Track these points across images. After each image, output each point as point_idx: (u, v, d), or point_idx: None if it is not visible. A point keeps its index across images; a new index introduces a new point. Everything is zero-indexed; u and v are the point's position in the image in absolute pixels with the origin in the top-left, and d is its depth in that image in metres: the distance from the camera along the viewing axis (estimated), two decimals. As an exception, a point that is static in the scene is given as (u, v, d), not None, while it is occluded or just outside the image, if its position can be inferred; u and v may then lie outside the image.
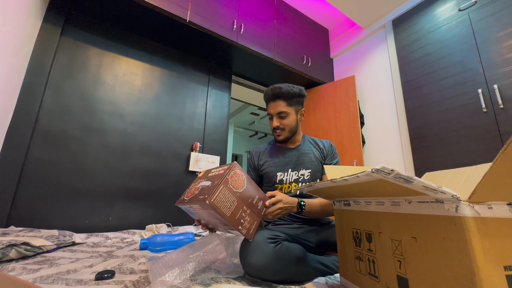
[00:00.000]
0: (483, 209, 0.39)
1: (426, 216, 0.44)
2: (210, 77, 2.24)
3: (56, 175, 1.44)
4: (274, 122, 1.04)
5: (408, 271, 0.47)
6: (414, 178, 0.39)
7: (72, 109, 1.57)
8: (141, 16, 1.73)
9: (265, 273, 0.68)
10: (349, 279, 0.65)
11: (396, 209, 0.51)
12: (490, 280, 0.36)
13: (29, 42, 1.43)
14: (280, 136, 1.05)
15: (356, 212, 0.63)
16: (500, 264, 0.37)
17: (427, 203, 0.44)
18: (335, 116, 2.35)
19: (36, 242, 0.95)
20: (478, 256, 0.37)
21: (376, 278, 0.54)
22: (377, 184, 0.47)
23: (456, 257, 0.39)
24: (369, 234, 0.58)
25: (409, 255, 0.47)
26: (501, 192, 0.39)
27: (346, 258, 0.66)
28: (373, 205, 0.57)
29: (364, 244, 0.60)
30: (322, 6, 2.54)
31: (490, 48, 1.52)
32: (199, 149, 1.99)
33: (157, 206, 1.74)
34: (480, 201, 0.39)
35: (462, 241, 0.38)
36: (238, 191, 0.70)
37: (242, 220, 0.68)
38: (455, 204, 0.40)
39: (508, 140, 0.35)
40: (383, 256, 0.53)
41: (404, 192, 0.46)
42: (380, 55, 2.26)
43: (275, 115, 1.04)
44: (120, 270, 0.79)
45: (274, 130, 1.06)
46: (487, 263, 0.36)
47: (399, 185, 0.43)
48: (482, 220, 0.38)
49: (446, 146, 1.62)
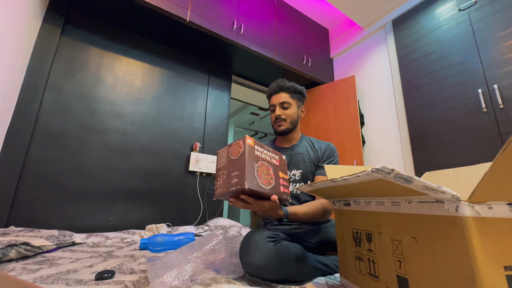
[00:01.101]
0: (483, 209, 0.39)
1: (426, 216, 0.44)
2: (210, 77, 2.24)
3: (56, 175, 1.44)
4: (277, 111, 1.04)
5: (408, 271, 0.47)
6: (414, 178, 0.39)
7: (72, 109, 1.57)
8: (141, 16, 1.73)
9: (264, 272, 0.68)
10: (349, 279, 0.65)
11: (396, 209, 0.51)
12: (490, 280, 0.36)
13: (29, 42, 1.43)
14: (281, 127, 1.05)
15: (356, 212, 0.63)
16: (500, 264, 0.37)
17: (427, 203, 0.44)
18: (335, 116, 2.34)
19: (36, 242, 0.95)
20: (478, 256, 0.36)
21: (376, 278, 0.54)
22: (377, 184, 0.47)
23: (456, 257, 0.39)
24: (369, 234, 0.58)
25: (409, 255, 0.47)
26: (501, 192, 0.39)
27: (346, 258, 0.66)
28: (373, 205, 0.57)
29: (364, 244, 0.60)
30: (322, 6, 2.54)
31: (490, 48, 1.52)
32: (199, 149, 1.99)
33: (157, 206, 1.74)
34: (480, 201, 0.39)
35: (462, 241, 0.38)
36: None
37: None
38: (455, 204, 0.40)
39: (508, 140, 0.35)
40: (383, 256, 0.53)
41: (404, 192, 0.46)
42: (380, 55, 2.26)
43: (278, 105, 1.05)
44: (120, 270, 0.79)
45: (276, 120, 1.06)
46: (487, 263, 0.36)
47: (399, 185, 0.43)
48: (482, 220, 0.38)
49: (446, 146, 1.62)
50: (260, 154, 0.71)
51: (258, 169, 0.68)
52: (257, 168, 0.68)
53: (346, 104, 2.29)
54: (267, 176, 0.70)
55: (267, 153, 0.75)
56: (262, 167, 0.70)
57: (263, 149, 0.74)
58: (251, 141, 0.70)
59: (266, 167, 0.71)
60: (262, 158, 0.71)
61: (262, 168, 0.70)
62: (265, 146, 0.76)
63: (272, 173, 0.72)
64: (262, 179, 0.68)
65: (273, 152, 0.77)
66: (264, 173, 0.69)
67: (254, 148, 0.70)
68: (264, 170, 0.70)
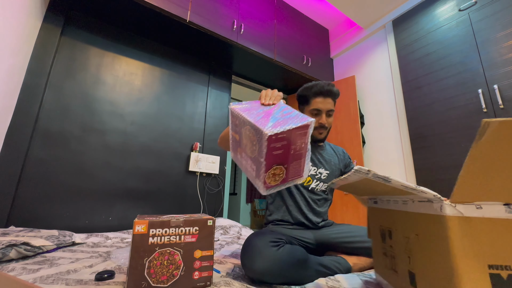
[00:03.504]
0: (469, 209, 0.40)
1: (424, 214, 0.46)
2: (210, 77, 2.24)
3: (56, 175, 1.44)
4: (323, 119, 0.98)
5: (415, 267, 0.48)
6: (391, 178, 0.44)
7: (72, 109, 1.57)
8: (141, 16, 1.72)
9: (267, 277, 0.68)
10: (380, 273, 0.67)
11: (405, 208, 0.53)
12: (469, 276, 0.37)
13: (29, 42, 1.43)
14: (322, 135, 1.02)
15: (382, 210, 0.64)
16: (485, 262, 0.38)
17: (423, 202, 0.46)
18: (335, 116, 2.33)
19: (36, 242, 0.95)
20: (458, 253, 0.38)
21: (396, 273, 0.56)
22: (368, 183, 0.51)
23: (441, 254, 0.41)
24: (390, 231, 0.59)
25: (414, 252, 0.49)
26: (494, 192, 0.40)
27: (377, 254, 0.68)
28: (392, 203, 0.59)
29: (387, 240, 0.61)
30: (322, 6, 2.54)
31: (490, 48, 1.52)
32: (199, 149, 1.99)
33: (157, 206, 1.74)
34: (466, 201, 0.40)
35: (445, 239, 0.40)
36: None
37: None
38: (440, 204, 0.42)
39: (473, 143, 0.38)
40: (399, 252, 0.55)
41: (401, 192, 0.49)
42: (380, 55, 2.26)
43: (325, 112, 0.98)
44: (120, 270, 0.79)
45: (320, 127, 1.00)
46: (468, 261, 0.38)
47: (385, 184, 0.47)
48: (466, 219, 0.40)
49: (446, 146, 1.62)
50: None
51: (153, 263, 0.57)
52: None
53: (346, 104, 2.29)
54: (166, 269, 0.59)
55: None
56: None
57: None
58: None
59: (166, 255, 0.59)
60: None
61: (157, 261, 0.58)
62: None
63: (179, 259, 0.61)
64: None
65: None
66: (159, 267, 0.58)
67: None
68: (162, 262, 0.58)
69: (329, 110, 0.99)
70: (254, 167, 0.62)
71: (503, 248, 0.38)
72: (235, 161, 0.75)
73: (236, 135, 0.70)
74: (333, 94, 0.99)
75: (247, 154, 0.65)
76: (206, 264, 0.63)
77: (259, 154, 0.57)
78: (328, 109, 0.98)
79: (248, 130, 0.61)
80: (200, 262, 0.63)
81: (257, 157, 0.59)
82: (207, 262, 0.64)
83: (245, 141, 0.65)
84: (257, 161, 0.60)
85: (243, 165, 0.70)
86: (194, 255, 0.63)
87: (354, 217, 2.01)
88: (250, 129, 0.60)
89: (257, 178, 0.62)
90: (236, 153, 0.74)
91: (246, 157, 0.66)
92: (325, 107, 0.98)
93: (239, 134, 0.68)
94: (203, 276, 0.62)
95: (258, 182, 0.62)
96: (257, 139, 0.57)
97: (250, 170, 0.65)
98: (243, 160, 0.68)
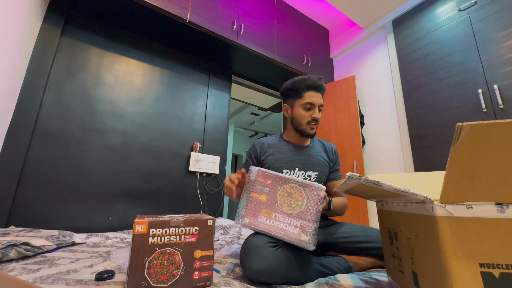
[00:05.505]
0: (459, 209, 0.41)
1: (421, 215, 0.47)
2: (210, 77, 2.24)
3: (56, 175, 1.44)
4: (317, 113, 0.98)
5: (417, 267, 0.49)
6: (381, 182, 0.45)
7: (72, 109, 1.57)
8: (141, 16, 1.73)
9: (266, 278, 0.68)
10: (390, 275, 0.67)
11: (406, 209, 0.53)
12: (460, 274, 0.38)
13: (29, 42, 1.43)
14: (313, 130, 1.01)
15: (387, 212, 0.65)
16: (476, 261, 0.38)
17: (419, 204, 0.47)
18: (335, 116, 2.34)
19: (36, 242, 0.95)
20: (448, 253, 0.39)
21: (403, 274, 0.56)
22: (364, 187, 0.51)
23: (435, 253, 0.42)
24: (395, 233, 0.60)
25: (415, 252, 0.49)
26: (479, 192, 0.40)
27: (387, 256, 0.68)
28: (394, 205, 0.59)
29: (394, 242, 0.61)
30: (322, 6, 2.54)
31: (490, 48, 1.52)
32: (199, 149, 1.99)
33: (157, 206, 1.74)
34: (455, 201, 0.41)
35: (437, 239, 0.41)
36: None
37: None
38: (431, 205, 0.42)
39: (452, 147, 0.38)
40: (404, 253, 0.55)
41: (396, 194, 0.49)
42: (380, 55, 2.26)
43: (318, 106, 0.98)
44: (120, 270, 0.79)
45: (312, 122, 0.99)
46: (459, 260, 0.39)
47: (378, 188, 0.48)
48: (456, 219, 0.40)
49: (446, 146, 1.62)
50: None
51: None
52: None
53: (346, 104, 2.29)
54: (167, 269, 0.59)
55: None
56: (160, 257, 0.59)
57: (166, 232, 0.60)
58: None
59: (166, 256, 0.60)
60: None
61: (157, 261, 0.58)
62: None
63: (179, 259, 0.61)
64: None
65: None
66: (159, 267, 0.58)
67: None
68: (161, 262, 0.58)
69: (321, 105, 1.00)
70: (298, 222, 0.69)
71: (495, 247, 0.38)
72: (250, 225, 0.72)
73: (262, 196, 0.73)
74: (323, 89, 1.00)
75: (283, 212, 0.71)
76: (206, 264, 0.63)
77: (313, 208, 0.69)
78: (321, 104, 0.99)
79: (290, 188, 0.72)
80: (200, 262, 0.63)
81: (307, 210, 0.69)
82: (207, 262, 0.64)
83: (282, 200, 0.71)
84: (305, 214, 0.69)
85: (272, 226, 0.70)
86: (194, 255, 0.63)
87: (354, 217, 2.01)
88: (295, 185, 0.72)
89: (302, 232, 0.68)
90: (256, 217, 0.72)
91: (281, 216, 0.71)
92: (318, 102, 0.98)
93: (268, 194, 0.73)
94: (203, 276, 0.63)
95: (304, 237, 0.67)
96: (306, 193, 0.71)
97: (288, 228, 0.70)
98: (274, 220, 0.71)
